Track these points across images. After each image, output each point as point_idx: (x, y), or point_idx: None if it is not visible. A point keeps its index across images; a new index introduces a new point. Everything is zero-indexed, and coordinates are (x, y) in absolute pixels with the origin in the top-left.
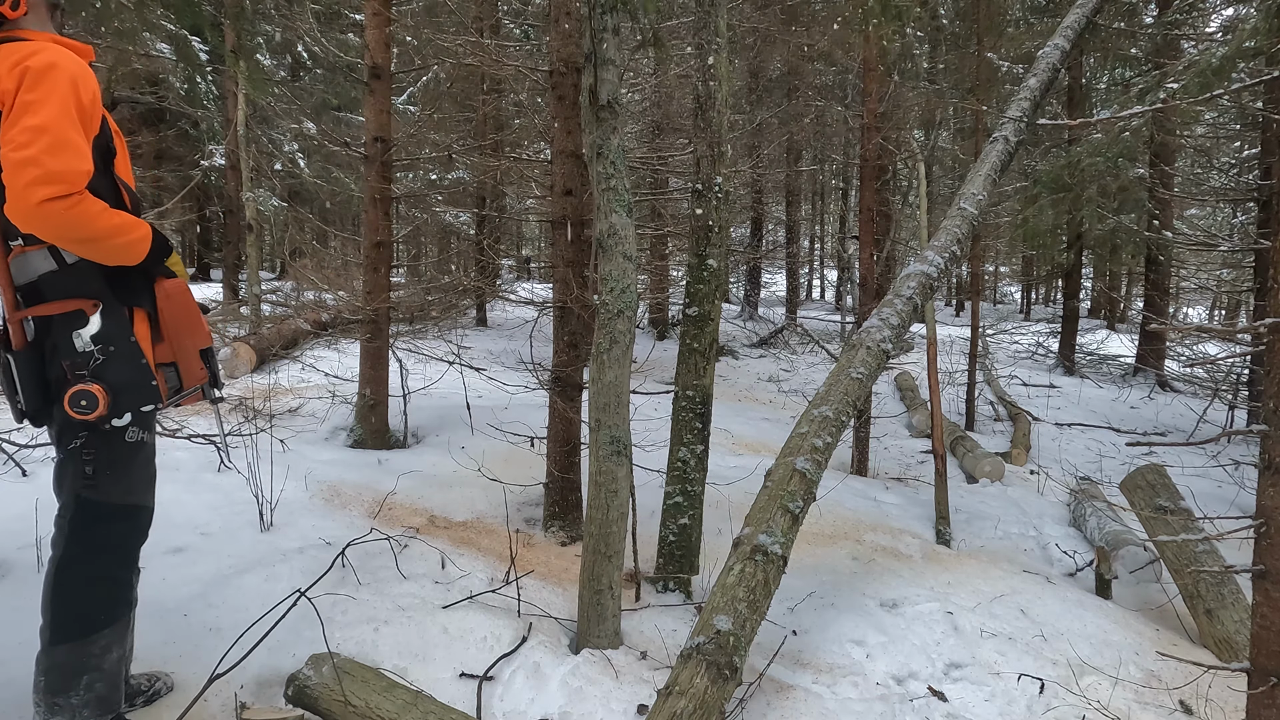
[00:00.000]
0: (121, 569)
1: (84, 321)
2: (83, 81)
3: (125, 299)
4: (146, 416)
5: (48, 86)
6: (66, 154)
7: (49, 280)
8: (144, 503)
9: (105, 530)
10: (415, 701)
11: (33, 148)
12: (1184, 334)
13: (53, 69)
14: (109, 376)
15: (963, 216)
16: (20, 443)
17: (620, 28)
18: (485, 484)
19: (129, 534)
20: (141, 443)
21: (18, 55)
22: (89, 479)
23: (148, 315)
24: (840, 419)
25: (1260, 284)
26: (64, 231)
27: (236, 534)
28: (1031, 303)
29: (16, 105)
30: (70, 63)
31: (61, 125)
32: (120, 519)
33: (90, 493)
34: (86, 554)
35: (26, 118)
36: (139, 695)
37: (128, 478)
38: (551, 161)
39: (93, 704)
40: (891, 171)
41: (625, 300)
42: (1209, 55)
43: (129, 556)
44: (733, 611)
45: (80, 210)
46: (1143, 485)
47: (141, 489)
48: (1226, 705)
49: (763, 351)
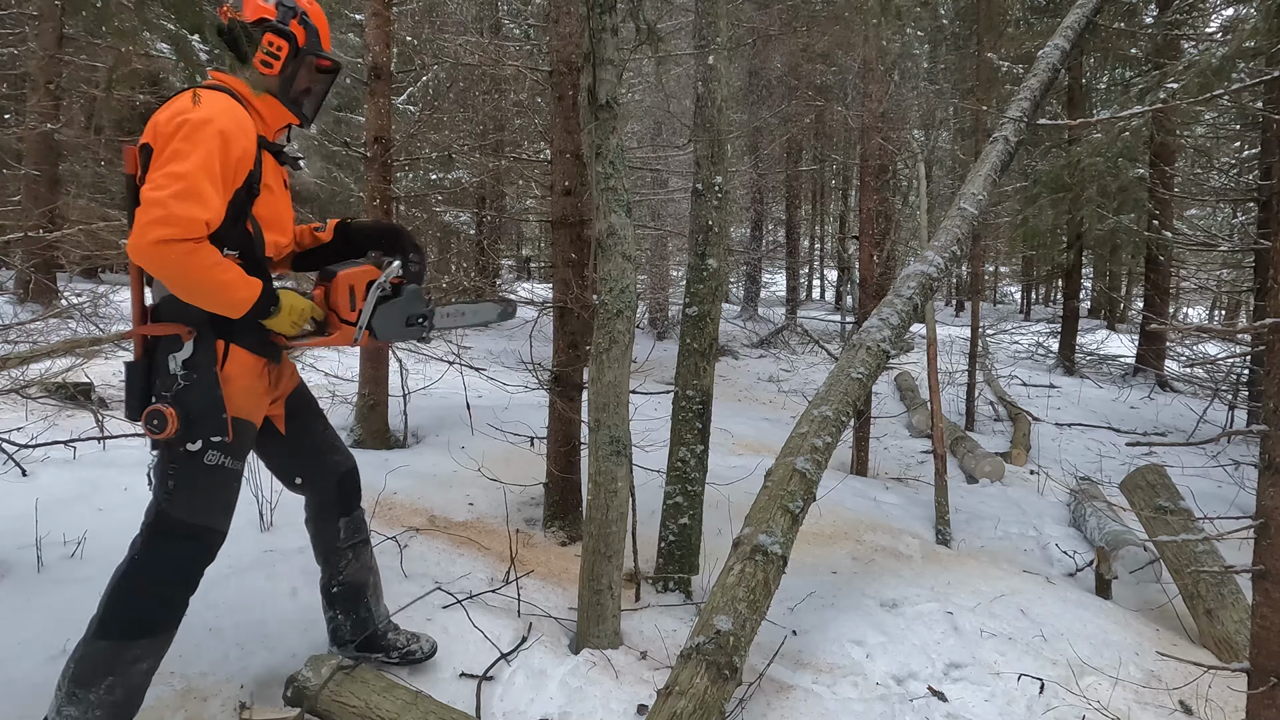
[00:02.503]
0: (178, 587)
1: (179, 346)
2: (234, 138)
3: (222, 332)
4: (227, 445)
5: (197, 139)
6: (191, 202)
7: (167, 302)
8: (215, 525)
9: (172, 545)
10: (415, 701)
11: (165, 190)
12: (1184, 334)
13: (207, 124)
14: (186, 402)
15: (963, 216)
16: (20, 443)
17: (619, 27)
18: (485, 484)
19: (194, 553)
20: (221, 467)
21: (182, 103)
22: (168, 493)
23: (234, 349)
24: (840, 419)
25: (1260, 284)
26: (169, 273)
27: (236, 534)
28: (1031, 303)
29: (167, 151)
30: (227, 119)
31: (198, 176)
32: (187, 537)
33: (167, 505)
34: (151, 563)
35: (172, 164)
36: (394, 650)
37: (204, 499)
38: (551, 161)
39: (107, 707)
40: (891, 171)
41: (625, 300)
42: (1209, 55)
43: (190, 575)
44: (733, 611)
45: (192, 259)
46: (1143, 485)
47: (216, 512)
48: (1226, 705)
49: (763, 351)
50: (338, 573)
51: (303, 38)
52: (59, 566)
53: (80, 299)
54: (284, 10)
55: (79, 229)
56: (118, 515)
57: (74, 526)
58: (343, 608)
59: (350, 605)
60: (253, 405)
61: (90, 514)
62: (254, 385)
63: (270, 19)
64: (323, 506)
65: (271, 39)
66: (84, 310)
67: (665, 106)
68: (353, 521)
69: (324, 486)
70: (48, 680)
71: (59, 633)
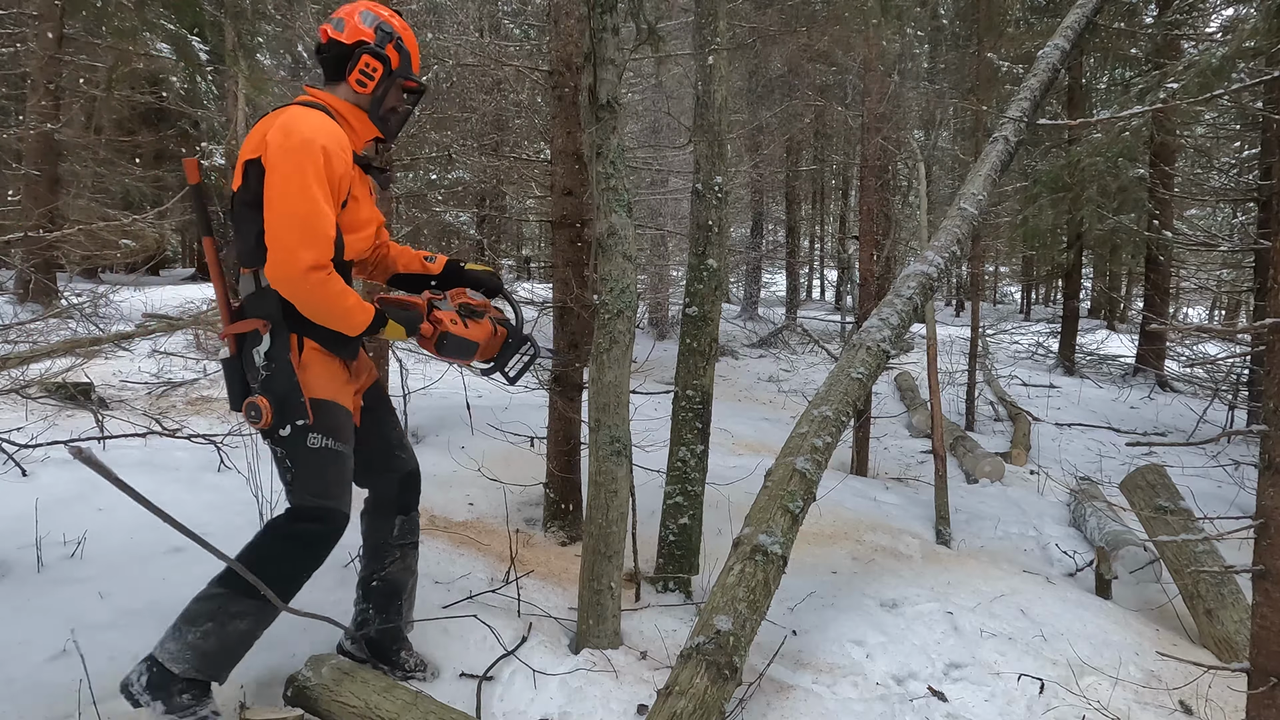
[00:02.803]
0: (301, 562)
1: (259, 340)
2: (337, 158)
3: (294, 326)
4: (326, 425)
5: (310, 162)
6: (322, 229)
7: (250, 300)
8: (337, 506)
9: (299, 528)
10: (415, 701)
11: (298, 219)
12: (1184, 334)
13: (317, 147)
14: (273, 389)
15: (963, 216)
16: (20, 442)
17: (620, 27)
18: (485, 484)
19: (322, 534)
20: (327, 449)
21: (285, 117)
22: (289, 483)
23: (308, 343)
24: (840, 419)
25: (1260, 284)
26: (311, 299)
27: (237, 534)
28: (1031, 303)
29: (284, 173)
30: (327, 136)
31: (319, 201)
32: (312, 519)
33: (291, 495)
34: (280, 540)
35: (294, 189)
36: (399, 669)
37: (318, 481)
38: (551, 161)
39: (198, 651)
40: (891, 172)
41: (625, 300)
42: (1209, 55)
43: (316, 555)
44: (733, 611)
45: (325, 287)
46: (1143, 485)
47: (335, 492)
48: (1226, 705)
49: (763, 351)
50: (381, 568)
51: (396, 61)
52: (59, 566)
53: (80, 299)
54: (382, 35)
55: (79, 229)
56: (118, 515)
57: (74, 526)
58: (377, 604)
59: (384, 603)
60: (336, 389)
61: (90, 514)
62: (333, 371)
63: (368, 42)
64: (382, 502)
65: (369, 60)
66: (84, 310)
67: (665, 107)
68: (409, 521)
69: (387, 483)
70: (48, 680)
71: (59, 633)
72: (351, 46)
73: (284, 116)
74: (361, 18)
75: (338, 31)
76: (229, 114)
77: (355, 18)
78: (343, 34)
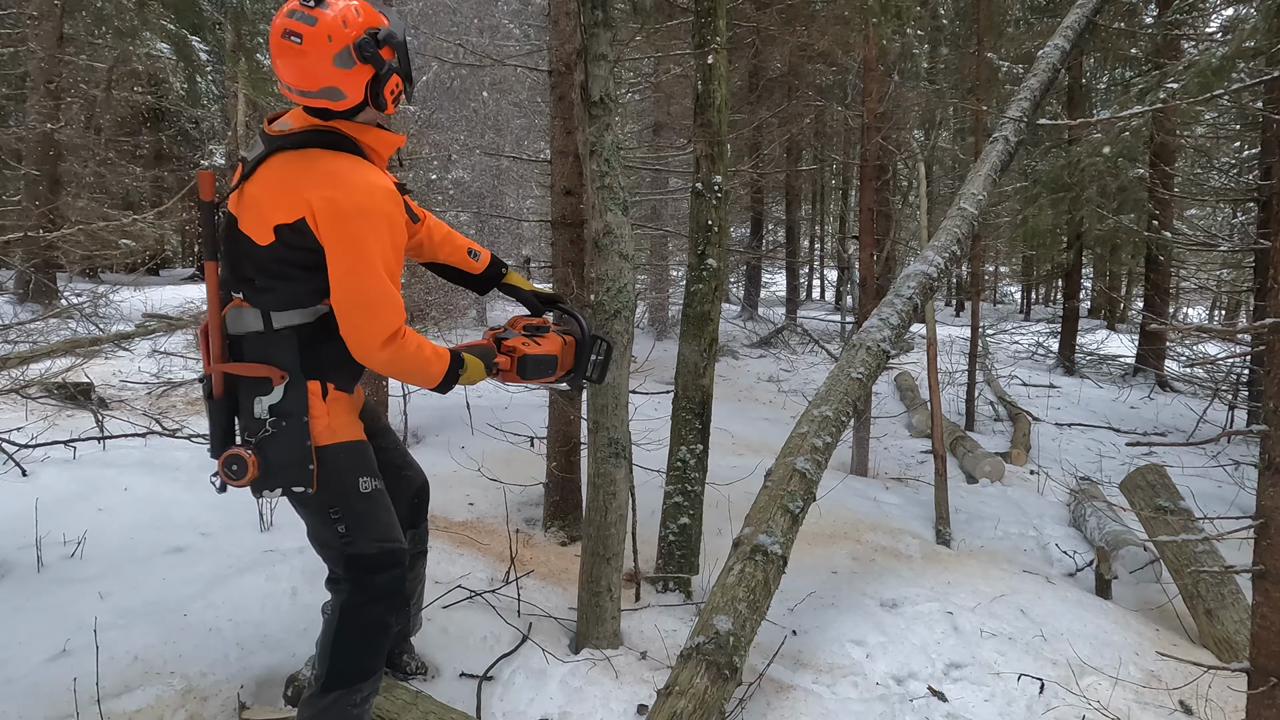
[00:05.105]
0: (394, 614)
1: (267, 390)
2: (395, 216)
3: (312, 372)
4: (369, 465)
5: (366, 230)
6: (392, 296)
7: (252, 340)
8: (400, 540)
9: (375, 579)
10: (415, 701)
11: (365, 300)
12: (1184, 334)
13: (369, 215)
14: (269, 451)
15: (963, 216)
16: (20, 443)
17: (614, 21)
18: (485, 484)
19: (396, 577)
20: (376, 490)
21: (326, 176)
22: (343, 536)
23: (332, 388)
24: (840, 419)
25: (1260, 284)
26: (396, 366)
27: (236, 534)
28: (1031, 303)
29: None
30: (382, 196)
31: (387, 281)
32: (385, 566)
33: (351, 548)
34: (368, 603)
35: (360, 267)
36: (401, 671)
37: (376, 524)
38: (551, 161)
39: None
40: (891, 171)
41: (622, 300)
42: (1209, 55)
43: (400, 599)
44: (733, 611)
45: (404, 351)
46: (1143, 485)
47: (394, 529)
48: (1226, 705)
49: (763, 351)
50: None
51: (401, 65)
52: (59, 566)
53: (80, 299)
54: (397, 46)
55: (79, 229)
56: (118, 515)
57: (74, 526)
58: None
59: None
60: (356, 425)
61: (90, 514)
62: (349, 406)
63: (391, 61)
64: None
65: (398, 81)
66: (84, 310)
67: (665, 107)
68: (418, 534)
69: (400, 505)
70: (48, 680)
71: (59, 633)
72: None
73: (322, 173)
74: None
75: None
76: (229, 114)
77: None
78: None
